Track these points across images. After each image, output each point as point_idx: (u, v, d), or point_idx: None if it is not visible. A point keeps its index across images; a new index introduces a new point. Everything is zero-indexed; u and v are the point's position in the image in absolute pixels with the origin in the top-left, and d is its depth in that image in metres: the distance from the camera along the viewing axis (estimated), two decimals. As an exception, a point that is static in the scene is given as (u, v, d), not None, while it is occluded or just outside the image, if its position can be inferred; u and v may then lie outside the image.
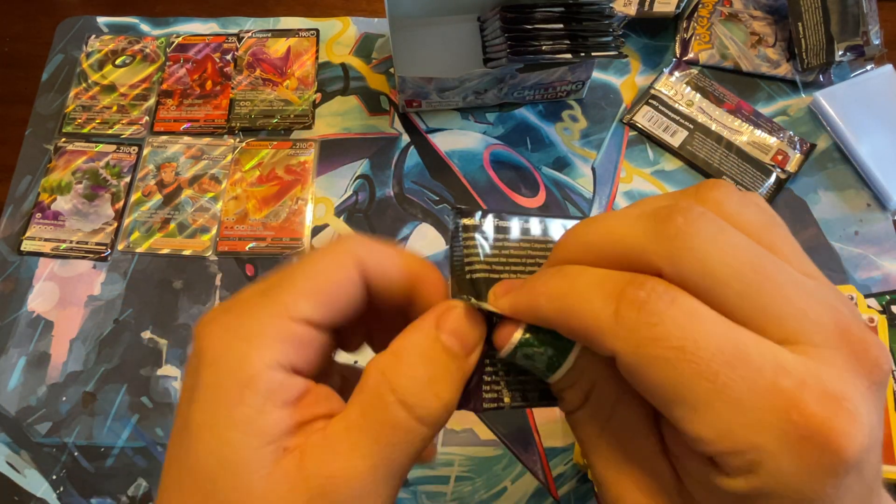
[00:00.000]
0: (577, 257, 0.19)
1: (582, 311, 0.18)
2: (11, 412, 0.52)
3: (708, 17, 0.67)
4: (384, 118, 0.63)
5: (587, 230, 0.20)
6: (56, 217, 0.59)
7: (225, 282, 0.56)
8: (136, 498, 0.49)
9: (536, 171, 0.61)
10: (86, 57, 0.66)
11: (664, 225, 0.17)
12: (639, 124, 0.63)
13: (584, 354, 0.20)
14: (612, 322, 0.17)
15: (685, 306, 0.16)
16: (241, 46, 0.67)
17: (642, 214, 0.18)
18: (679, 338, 0.16)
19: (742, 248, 0.17)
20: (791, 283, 0.17)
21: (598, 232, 0.19)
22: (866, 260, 0.58)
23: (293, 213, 0.59)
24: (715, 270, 0.16)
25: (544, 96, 0.63)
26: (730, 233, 0.17)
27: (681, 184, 0.61)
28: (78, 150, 0.61)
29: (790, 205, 0.60)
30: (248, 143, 0.62)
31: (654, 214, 0.18)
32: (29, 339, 0.54)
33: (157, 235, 0.58)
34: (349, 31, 0.68)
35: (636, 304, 0.17)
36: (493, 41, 0.58)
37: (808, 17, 0.63)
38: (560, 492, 0.50)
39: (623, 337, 0.17)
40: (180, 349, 0.54)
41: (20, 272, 0.56)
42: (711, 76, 0.65)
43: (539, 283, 0.20)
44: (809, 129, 0.63)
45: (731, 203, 0.18)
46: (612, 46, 0.56)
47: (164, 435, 0.51)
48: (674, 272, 0.17)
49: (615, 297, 0.17)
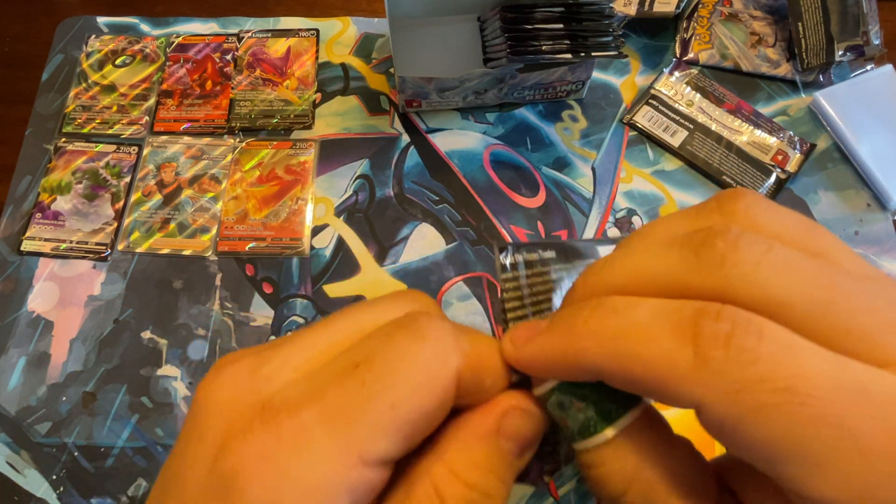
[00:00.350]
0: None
1: (649, 355, 0.14)
2: (11, 412, 0.52)
3: (708, 17, 0.67)
4: (384, 118, 0.63)
5: (611, 269, 0.17)
6: (56, 217, 0.59)
7: (225, 282, 0.56)
8: (136, 498, 0.49)
9: (536, 171, 0.61)
10: (86, 57, 0.66)
11: (704, 252, 0.15)
12: (639, 124, 0.63)
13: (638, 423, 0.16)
14: (693, 365, 0.14)
15: (779, 337, 0.13)
16: (241, 46, 0.67)
17: (672, 243, 0.16)
18: (785, 377, 0.13)
19: (800, 264, 0.14)
20: (866, 293, 0.14)
21: (625, 270, 0.16)
22: (866, 260, 0.58)
23: (293, 213, 0.59)
24: (778, 294, 0.14)
25: (544, 96, 0.63)
26: (779, 249, 0.15)
27: (681, 184, 0.61)
28: (78, 150, 0.61)
29: (790, 205, 0.60)
30: (248, 143, 0.62)
31: (688, 242, 0.15)
32: (29, 339, 0.54)
33: (157, 235, 0.58)
34: (349, 31, 0.68)
35: (720, 340, 0.14)
36: (493, 41, 0.58)
37: (808, 17, 0.63)
38: (560, 492, 0.50)
39: (711, 383, 0.14)
40: (180, 349, 0.54)
41: (20, 272, 0.56)
42: (711, 76, 0.65)
43: (579, 322, 0.16)
44: (809, 129, 0.63)
45: (763, 214, 0.16)
46: (612, 46, 0.56)
47: (164, 435, 0.51)
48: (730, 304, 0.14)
49: (689, 333, 0.14)
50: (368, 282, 0.57)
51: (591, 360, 0.15)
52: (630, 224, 0.59)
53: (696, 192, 0.60)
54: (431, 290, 0.56)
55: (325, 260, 0.57)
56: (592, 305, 0.16)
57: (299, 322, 0.55)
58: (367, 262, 0.57)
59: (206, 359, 0.54)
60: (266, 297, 0.56)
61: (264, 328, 0.55)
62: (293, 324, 0.55)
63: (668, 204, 0.60)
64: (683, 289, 0.15)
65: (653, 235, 0.17)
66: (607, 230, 0.59)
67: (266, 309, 0.56)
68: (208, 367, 0.53)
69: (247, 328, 0.55)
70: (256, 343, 0.54)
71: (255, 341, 0.54)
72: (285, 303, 0.56)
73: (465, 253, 0.58)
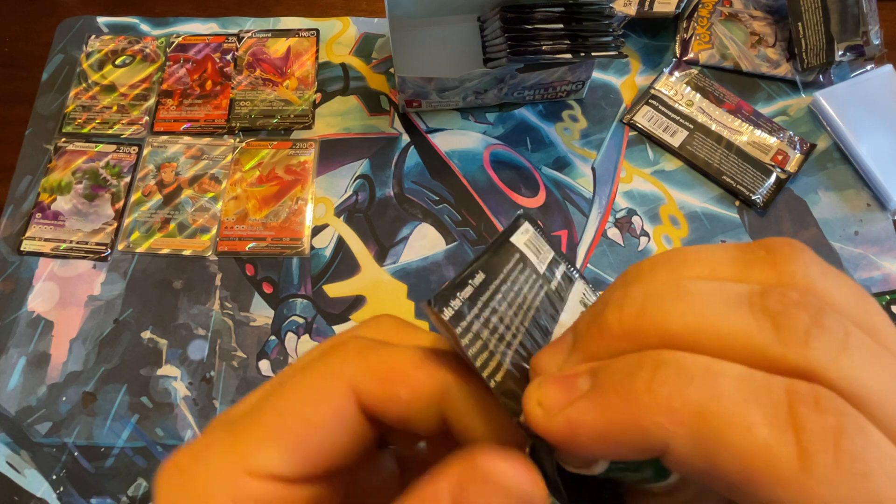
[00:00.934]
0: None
1: (743, 445, 0.12)
2: (11, 412, 0.52)
3: (708, 17, 0.67)
4: (384, 118, 0.63)
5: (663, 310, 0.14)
6: (56, 217, 0.59)
7: (225, 282, 0.56)
8: (136, 498, 0.49)
9: (536, 171, 0.61)
10: (86, 57, 0.66)
11: (785, 323, 0.13)
12: (639, 124, 0.63)
13: None
14: (798, 466, 0.11)
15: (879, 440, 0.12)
16: (241, 46, 0.67)
17: (740, 300, 0.13)
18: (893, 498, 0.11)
19: (881, 356, 0.13)
20: None
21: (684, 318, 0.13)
22: (866, 260, 0.58)
23: (293, 213, 0.59)
24: (867, 387, 0.12)
25: (544, 96, 0.63)
26: (856, 334, 0.13)
27: (681, 184, 0.61)
28: (78, 150, 0.61)
29: (790, 205, 0.60)
30: (248, 143, 0.62)
31: (762, 304, 0.13)
32: (29, 339, 0.54)
33: (157, 235, 0.58)
34: (349, 31, 0.68)
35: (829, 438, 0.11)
36: (493, 41, 0.58)
37: (808, 17, 0.63)
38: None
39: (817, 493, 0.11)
40: (180, 349, 0.54)
41: (20, 272, 0.56)
42: (711, 76, 0.65)
43: (639, 387, 0.13)
44: (809, 129, 0.63)
45: (821, 280, 0.14)
46: (612, 46, 0.56)
47: (164, 435, 0.51)
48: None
49: (788, 421, 0.12)
50: (368, 282, 0.57)
51: (662, 439, 0.12)
52: (630, 224, 0.59)
53: (697, 191, 0.60)
54: (431, 290, 0.56)
55: (325, 260, 0.57)
56: (651, 363, 0.13)
57: (299, 322, 0.55)
58: (367, 262, 0.57)
59: (206, 359, 0.54)
60: (266, 296, 0.56)
61: (264, 328, 0.55)
62: (293, 323, 0.55)
63: (668, 204, 0.60)
64: (761, 358, 0.12)
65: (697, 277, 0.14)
66: (607, 230, 0.59)
67: (266, 309, 0.56)
68: (208, 367, 0.53)
69: (247, 328, 0.55)
70: (256, 343, 0.54)
71: (254, 341, 0.54)
72: (285, 303, 0.56)
73: (465, 253, 0.58)
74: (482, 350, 0.16)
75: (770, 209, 0.60)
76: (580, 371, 0.14)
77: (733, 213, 0.60)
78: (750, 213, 0.60)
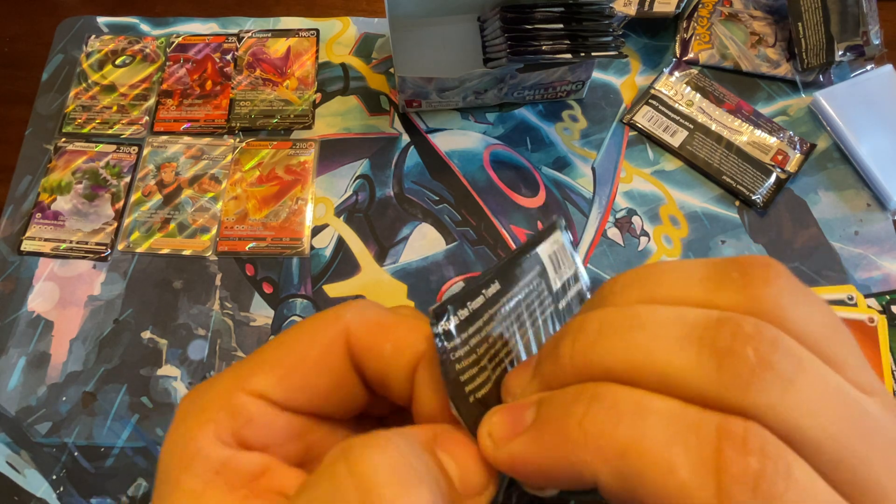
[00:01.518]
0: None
1: (664, 485, 0.12)
2: (11, 412, 0.52)
3: (708, 17, 0.67)
4: (384, 118, 0.63)
5: (608, 345, 0.14)
6: (56, 217, 0.59)
7: (225, 282, 0.56)
8: (136, 498, 0.49)
9: (536, 171, 0.61)
10: (86, 57, 0.66)
11: (730, 364, 0.13)
12: (639, 124, 0.63)
13: None
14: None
15: (806, 483, 0.12)
16: (241, 46, 0.67)
17: (690, 336, 0.13)
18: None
19: (833, 395, 0.13)
20: (890, 442, 0.13)
21: (627, 354, 0.14)
22: (866, 260, 0.58)
23: (293, 213, 0.59)
24: (805, 427, 0.12)
25: (544, 96, 0.63)
26: (811, 370, 0.13)
27: (681, 184, 0.61)
28: (78, 150, 0.61)
29: (790, 205, 0.60)
30: (248, 143, 0.62)
31: (710, 342, 0.13)
32: (29, 339, 0.54)
33: (157, 235, 0.58)
34: (349, 31, 0.68)
35: (748, 481, 0.12)
36: (493, 41, 0.58)
37: (808, 17, 0.63)
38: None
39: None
40: (180, 349, 0.54)
41: (20, 272, 0.56)
42: (711, 76, 0.65)
43: (572, 424, 0.13)
44: (809, 129, 0.63)
45: (792, 308, 0.14)
46: (612, 46, 0.56)
47: (164, 435, 0.51)
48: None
49: (712, 464, 0.12)
50: (368, 282, 0.57)
51: (591, 473, 0.13)
52: (630, 224, 0.59)
53: (696, 192, 0.60)
54: (431, 290, 0.56)
55: (325, 260, 0.57)
56: (587, 398, 0.14)
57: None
58: (367, 262, 0.57)
59: (206, 359, 0.54)
60: (266, 297, 0.56)
61: (264, 328, 0.55)
62: (293, 324, 0.55)
63: (668, 204, 0.60)
64: (699, 397, 0.13)
65: (665, 297, 0.15)
66: (607, 230, 0.59)
67: (266, 309, 0.56)
68: (208, 368, 0.53)
69: (247, 328, 0.55)
70: (256, 343, 0.54)
71: (254, 341, 0.54)
72: (285, 303, 0.56)
73: (465, 253, 0.58)
74: (467, 369, 0.16)
75: (770, 209, 0.60)
76: (530, 402, 0.15)
77: (733, 213, 0.60)
78: (750, 213, 0.60)
